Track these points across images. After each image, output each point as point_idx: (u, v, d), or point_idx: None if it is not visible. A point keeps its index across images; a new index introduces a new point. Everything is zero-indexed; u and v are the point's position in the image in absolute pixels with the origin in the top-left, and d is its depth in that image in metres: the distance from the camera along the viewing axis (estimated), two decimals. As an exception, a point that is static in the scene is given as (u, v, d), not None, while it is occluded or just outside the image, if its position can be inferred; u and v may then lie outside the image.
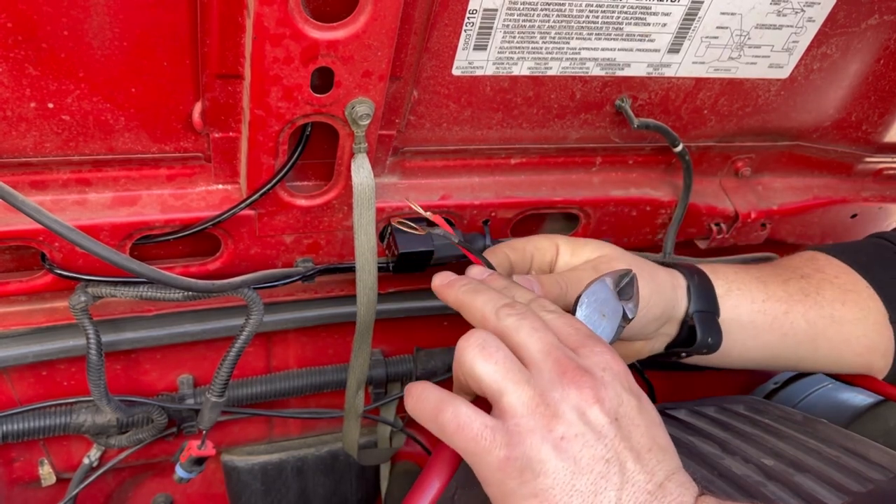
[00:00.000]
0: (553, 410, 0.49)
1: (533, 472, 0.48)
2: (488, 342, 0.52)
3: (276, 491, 1.06)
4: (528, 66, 0.70)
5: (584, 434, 0.49)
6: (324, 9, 0.57)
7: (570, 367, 0.51)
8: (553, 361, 0.52)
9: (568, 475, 0.48)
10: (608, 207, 0.87)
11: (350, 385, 0.82)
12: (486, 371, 0.51)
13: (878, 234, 0.81)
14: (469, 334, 0.53)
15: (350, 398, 0.83)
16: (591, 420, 0.50)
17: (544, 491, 0.48)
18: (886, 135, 0.92)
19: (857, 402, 1.02)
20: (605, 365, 0.53)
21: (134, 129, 0.64)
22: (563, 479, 0.48)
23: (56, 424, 0.82)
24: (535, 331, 0.53)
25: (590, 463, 0.48)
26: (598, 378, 0.51)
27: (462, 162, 0.80)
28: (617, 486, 0.48)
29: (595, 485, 0.48)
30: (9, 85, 0.57)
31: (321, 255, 0.80)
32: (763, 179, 0.97)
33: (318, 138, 0.67)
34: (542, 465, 0.48)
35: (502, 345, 0.53)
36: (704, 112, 0.82)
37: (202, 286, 0.66)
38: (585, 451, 0.49)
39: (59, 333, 0.78)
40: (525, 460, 0.48)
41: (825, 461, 0.68)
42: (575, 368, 0.51)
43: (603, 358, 0.53)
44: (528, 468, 0.48)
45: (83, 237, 0.54)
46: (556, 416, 0.49)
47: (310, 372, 0.94)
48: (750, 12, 0.72)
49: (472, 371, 0.52)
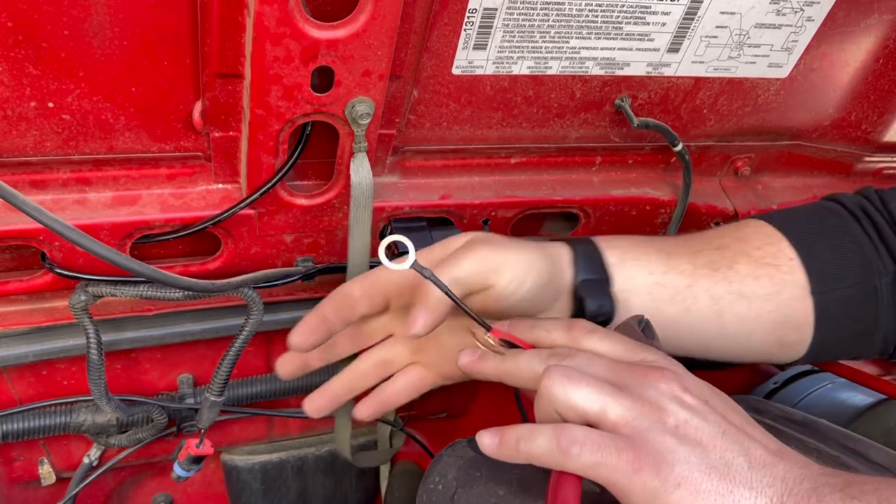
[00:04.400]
0: (657, 406, 0.51)
1: (668, 463, 0.49)
2: (570, 371, 0.53)
3: (276, 490, 1.06)
4: (528, 65, 0.70)
5: (691, 418, 0.51)
6: (324, 8, 0.57)
7: (646, 369, 0.54)
8: (628, 372, 0.53)
9: (699, 456, 0.49)
10: (608, 207, 0.87)
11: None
12: (581, 396, 0.52)
13: (832, 197, 0.77)
14: (547, 372, 0.53)
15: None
16: (691, 405, 0.52)
17: (686, 477, 0.48)
18: (886, 134, 0.92)
19: (856, 401, 1.02)
20: (671, 360, 0.56)
21: (134, 129, 0.64)
22: (697, 460, 0.49)
23: (56, 424, 0.82)
24: (592, 360, 0.55)
25: (711, 440, 0.50)
26: (675, 371, 0.54)
27: (462, 161, 0.80)
28: (742, 453, 0.50)
29: (723, 458, 0.49)
30: (9, 84, 0.57)
31: (321, 254, 0.80)
32: (763, 179, 0.97)
33: (318, 138, 0.67)
34: (672, 455, 0.49)
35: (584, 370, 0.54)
36: (704, 111, 0.82)
37: (202, 286, 0.66)
38: (701, 431, 0.50)
39: (60, 333, 0.78)
40: (656, 456, 0.49)
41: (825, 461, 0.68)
42: (650, 368, 0.54)
43: (663, 356, 0.56)
44: (662, 462, 0.49)
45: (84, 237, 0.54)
46: (662, 410, 0.51)
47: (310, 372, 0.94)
48: (749, 12, 0.72)
49: (568, 401, 0.52)
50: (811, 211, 0.76)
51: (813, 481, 0.49)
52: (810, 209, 0.76)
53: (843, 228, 0.72)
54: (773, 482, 0.49)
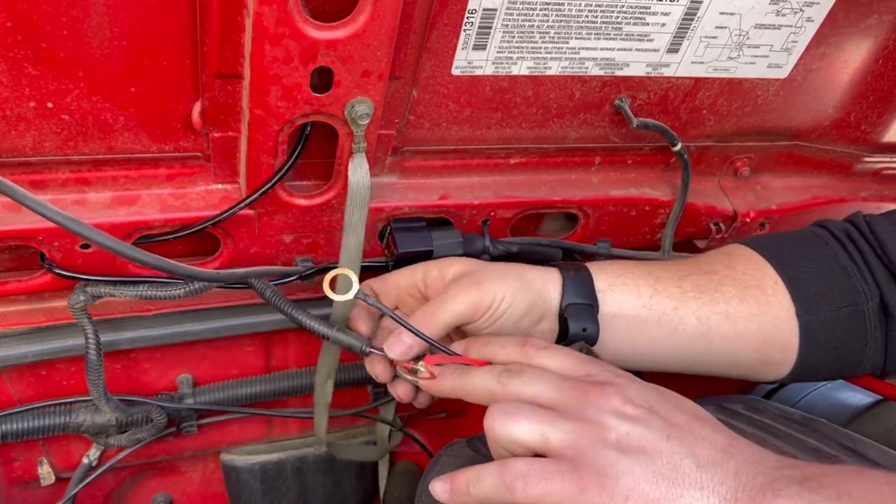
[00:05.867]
0: (597, 423, 0.52)
1: (612, 477, 0.49)
2: (508, 407, 0.54)
3: (276, 490, 1.06)
4: (528, 65, 0.70)
5: (633, 428, 0.51)
6: (323, 8, 0.57)
7: (587, 386, 0.55)
8: (570, 390, 0.55)
9: (643, 465, 0.50)
10: (607, 207, 0.87)
11: (319, 375, 0.82)
12: (521, 430, 0.53)
13: (820, 223, 0.79)
14: (489, 411, 0.55)
15: (319, 388, 0.84)
16: (632, 415, 0.52)
17: (632, 489, 0.49)
18: (885, 134, 0.92)
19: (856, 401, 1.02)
20: (616, 373, 0.57)
21: (133, 129, 0.64)
22: (641, 470, 0.49)
23: (55, 424, 0.82)
24: (540, 378, 0.56)
25: (655, 446, 0.50)
26: (617, 384, 0.55)
27: (461, 161, 0.80)
28: (689, 454, 0.50)
29: (670, 462, 0.50)
30: (8, 84, 0.57)
31: (320, 254, 0.80)
32: (762, 179, 0.97)
33: (317, 138, 0.67)
34: (615, 468, 0.49)
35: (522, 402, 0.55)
36: (703, 112, 0.82)
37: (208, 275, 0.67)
38: (644, 439, 0.51)
39: (59, 333, 0.78)
40: (599, 472, 0.49)
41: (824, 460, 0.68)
42: (592, 384, 0.55)
43: (610, 369, 0.58)
44: (605, 477, 0.49)
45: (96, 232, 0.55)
46: (602, 426, 0.51)
47: (309, 371, 0.94)
48: (749, 12, 0.72)
49: (511, 437, 0.53)
50: (797, 236, 0.78)
51: (768, 475, 0.48)
52: (797, 235, 0.78)
53: (829, 254, 0.74)
54: (724, 479, 0.49)
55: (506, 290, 0.66)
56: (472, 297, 0.65)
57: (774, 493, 0.47)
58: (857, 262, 0.73)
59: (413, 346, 0.65)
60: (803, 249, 0.75)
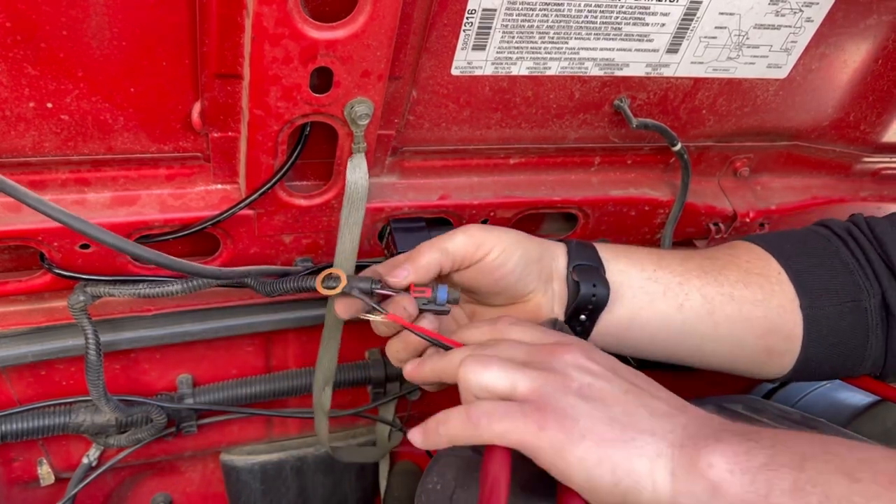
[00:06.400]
0: (562, 374, 0.55)
1: (571, 418, 0.52)
2: (482, 357, 0.57)
3: (276, 490, 1.06)
4: (527, 66, 0.70)
5: (595, 381, 0.55)
6: (323, 9, 0.57)
7: (555, 346, 0.58)
8: (538, 350, 0.58)
9: (601, 410, 0.52)
10: (607, 207, 0.87)
11: (317, 381, 0.82)
12: (492, 376, 0.55)
13: (822, 222, 0.79)
14: (462, 361, 0.57)
15: (317, 394, 0.84)
16: (594, 371, 0.56)
17: (590, 429, 0.51)
18: (884, 135, 0.92)
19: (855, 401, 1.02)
20: (582, 342, 0.60)
21: (133, 129, 0.64)
22: (599, 414, 0.52)
23: (55, 424, 0.82)
24: (512, 346, 0.59)
25: (614, 397, 0.54)
26: (582, 345, 0.59)
27: (461, 162, 0.80)
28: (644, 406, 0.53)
29: (626, 410, 0.53)
30: (7, 84, 0.57)
31: (320, 254, 0.80)
32: (762, 179, 0.97)
33: (317, 138, 0.67)
34: (575, 411, 0.52)
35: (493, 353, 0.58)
36: (703, 112, 0.82)
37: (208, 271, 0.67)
38: (605, 391, 0.54)
39: (58, 333, 0.78)
40: (559, 413, 0.52)
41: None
42: (559, 344, 0.58)
43: (576, 339, 0.61)
44: (565, 418, 0.52)
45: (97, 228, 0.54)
46: (567, 377, 0.54)
47: (309, 372, 0.94)
48: (748, 12, 0.72)
49: (481, 384, 0.56)
50: (799, 234, 0.78)
51: (714, 429, 0.52)
52: (799, 232, 0.79)
53: (831, 250, 0.75)
54: (674, 428, 0.52)
55: (507, 241, 0.67)
56: (476, 235, 0.66)
57: (717, 439, 0.50)
58: (860, 260, 0.73)
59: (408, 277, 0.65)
60: (806, 245, 0.76)
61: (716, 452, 0.49)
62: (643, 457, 0.50)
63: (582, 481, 0.51)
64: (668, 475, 0.50)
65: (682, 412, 0.54)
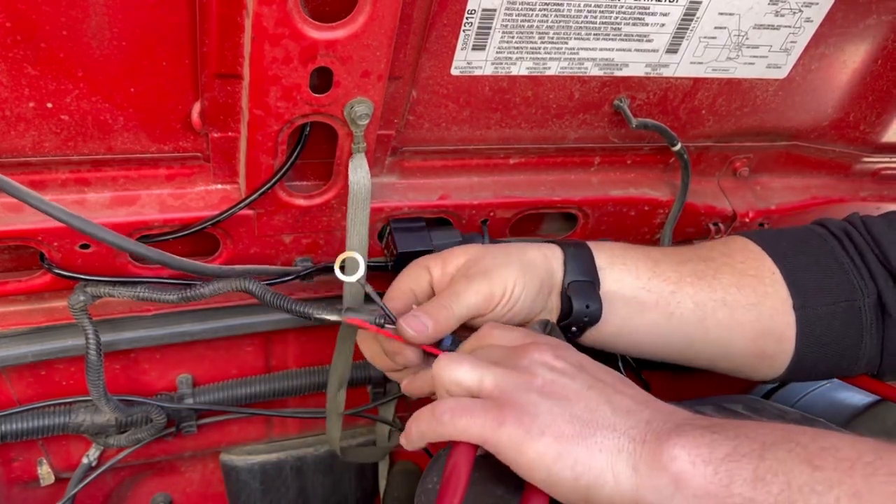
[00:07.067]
0: (527, 372, 0.56)
1: (530, 415, 0.52)
2: (454, 356, 0.59)
3: (276, 490, 1.06)
4: (527, 66, 0.70)
5: (559, 378, 0.55)
6: (323, 9, 0.57)
7: (526, 346, 0.59)
8: (510, 350, 0.59)
9: (562, 407, 0.53)
10: (606, 207, 0.87)
11: (331, 384, 0.82)
12: (462, 372, 0.57)
13: (819, 221, 0.79)
14: (437, 360, 0.59)
15: (331, 397, 0.84)
16: (560, 368, 0.56)
17: (549, 425, 0.52)
18: (884, 135, 0.92)
19: (854, 401, 1.02)
20: (555, 342, 0.61)
21: (133, 129, 0.64)
22: (560, 411, 0.53)
23: (55, 424, 0.82)
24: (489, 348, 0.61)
25: (577, 394, 0.54)
26: (553, 343, 0.60)
27: (461, 162, 0.80)
28: (607, 402, 0.54)
29: (588, 407, 0.53)
30: (7, 84, 0.57)
31: (320, 254, 0.80)
32: (761, 179, 0.97)
33: (316, 138, 0.67)
34: (535, 408, 0.53)
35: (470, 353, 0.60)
36: (703, 112, 0.82)
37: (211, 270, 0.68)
38: (568, 388, 0.55)
39: (58, 333, 0.78)
40: (519, 409, 0.53)
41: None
42: (530, 344, 0.59)
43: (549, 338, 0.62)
44: (524, 414, 0.52)
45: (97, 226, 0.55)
46: (531, 374, 0.55)
47: (309, 372, 0.94)
48: (748, 13, 0.72)
49: (452, 379, 0.57)
50: (795, 232, 0.78)
51: (676, 423, 0.52)
52: (795, 230, 0.79)
53: (826, 250, 0.75)
54: (636, 424, 0.52)
55: (516, 276, 0.67)
56: (485, 289, 0.66)
57: (679, 433, 0.50)
58: (855, 260, 0.74)
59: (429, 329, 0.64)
60: (801, 244, 0.76)
61: (677, 446, 0.49)
62: (603, 451, 0.51)
63: (542, 477, 0.51)
64: (630, 470, 0.50)
65: (645, 407, 0.54)
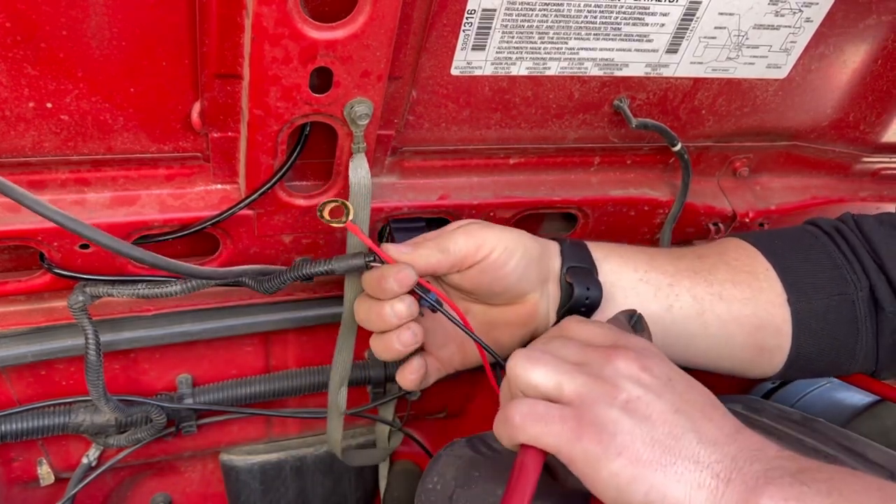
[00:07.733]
0: (610, 383, 0.52)
1: (609, 433, 0.50)
2: (532, 353, 0.55)
3: (275, 490, 1.06)
4: (527, 66, 0.70)
5: (644, 395, 0.52)
6: (322, 9, 0.57)
7: (611, 350, 0.55)
8: (593, 351, 0.55)
9: (644, 429, 0.50)
10: (606, 207, 0.87)
11: (332, 383, 0.82)
12: (539, 375, 0.53)
13: (811, 220, 0.80)
14: (512, 355, 0.55)
15: (332, 396, 0.83)
16: (646, 383, 0.52)
17: (626, 447, 0.49)
18: (884, 135, 0.92)
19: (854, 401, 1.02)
20: (644, 345, 0.57)
21: (133, 129, 0.64)
22: (641, 433, 0.50)
23: (55, 424, 0.82)
24: (566, 343, 0.57)
25: (661, 416, 0.51)
26: (641, 351, 0.55)
27: (460, 162, 0.80)
28: (693, 430, 0.50)
29: (672, 433, 0.50)
30: (7, 84, 0.57)
31: (320, 254, 0.80)
32: (761, 179, 0.97)
33: (316, 138, 0.67)
34: (615, 426, 0.50)
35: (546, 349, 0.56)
36: (703, 112, 0.82)
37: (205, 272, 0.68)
38: (652, 407, 0.51)
39: (58, 333, 0.78)
40: (598, 425, 0.50)
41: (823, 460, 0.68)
42: (616, 348, 0.55)
43: (639, 341, 0.58)
44: (603, 431, 0.50)
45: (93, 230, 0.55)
46: (615, 387, 0.52)
47: (308, 372, 0.94)
48: (748, 13, 0.72)
49: (528, 380, 0.54)
50: (788, 231, 0.79)
51: (765, 463, 0.49)
52: (787, 230, 0.80)
53: (818, 245, 0.75)
54: (721, 459, 0.49)
55: (508, 240, 0.67)
56: (476, 236, 0.66)
57: (767, 480, 0.47)
58: (847, 255, 0.74)
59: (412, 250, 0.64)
60: (793, 242, 0.77)
61: (765, 495, 0.46)
62: (681, 483, 0.48)
63: (612, 496, 0.49)
64: None
65: (732, 440, 0.51)
